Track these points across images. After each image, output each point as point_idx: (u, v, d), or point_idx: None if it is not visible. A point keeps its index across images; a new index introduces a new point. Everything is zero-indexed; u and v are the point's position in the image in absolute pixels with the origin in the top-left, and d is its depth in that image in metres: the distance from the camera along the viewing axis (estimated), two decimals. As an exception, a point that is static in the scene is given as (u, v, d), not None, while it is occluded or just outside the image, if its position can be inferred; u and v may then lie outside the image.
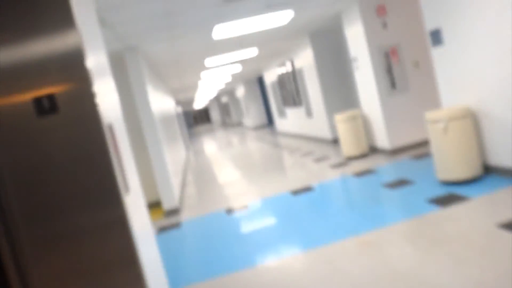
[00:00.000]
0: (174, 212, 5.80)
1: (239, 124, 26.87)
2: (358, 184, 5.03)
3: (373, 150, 6.72)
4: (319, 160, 7.31)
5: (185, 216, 5.55)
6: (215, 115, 40.98)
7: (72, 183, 1.70)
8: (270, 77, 13.51)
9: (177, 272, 3.53)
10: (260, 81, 19.06)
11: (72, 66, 1.69)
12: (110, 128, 1.95)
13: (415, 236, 3.08)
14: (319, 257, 3.10)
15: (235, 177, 7.62)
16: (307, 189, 5.32)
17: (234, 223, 4.61)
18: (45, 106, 1.68)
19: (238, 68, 11.50)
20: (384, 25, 5.94)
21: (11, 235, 1.67)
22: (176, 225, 5.18)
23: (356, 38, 6.21)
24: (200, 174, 9.15)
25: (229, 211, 5.21)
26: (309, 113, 9.91)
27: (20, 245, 1.66)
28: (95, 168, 1.73)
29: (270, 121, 19.51)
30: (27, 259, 1.68)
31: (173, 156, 7.51)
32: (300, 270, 2.96)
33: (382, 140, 6.27)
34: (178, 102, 21.48)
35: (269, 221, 4.36)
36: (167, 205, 5.77)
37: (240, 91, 21.28)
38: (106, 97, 2.05)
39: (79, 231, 1.71)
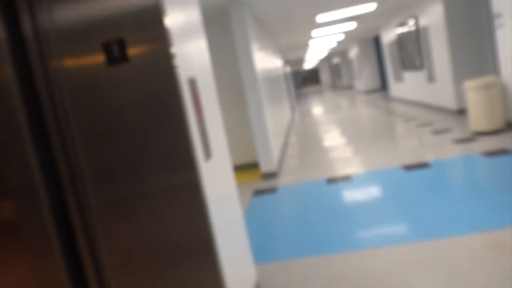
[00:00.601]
0: (271, 175, 5.59)
1: (350, 87, 25.61)
2: (488, 165, 4.18)
3: (511, 126, 5.60)
4: (439, 132, 6.38)
5: (282, 181, 5.31)
6: (325, 76, 39.82)
7: (142, 142, 1.49)
8: (388, 37, 12.25)
9: (266, 243, 3.31)
10: (376, 42, 17.60)
11: (147, 21, 1.44)
12: (192, 85, 1.68)
13: None
14: (434, 253, 2.56)
15: (340, 143, 7.11)
16: (422, 166, 4.63)
17: (335, 195, 4.20)
18: (116, 55, 1.46)
19: (352, 26, 10.59)
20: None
21: (79, 194, 1.54)
22: (272, 190, 4.96)
23: (504, -14, 5.02)
24: (304, 137, 8.81)
25: (331, 180, 4.81)
26: (431, 78, 8.74)
27: (88, 205, 1.54)
28: (168, 128, 1.49)
29: (384, 85, 18.09)
30: (95, 219, 1.55)
31: (275, 117, 7.27)
32: (408, 266, 2.48)
33: (525, 114, 5.14)
34: (286, 62, 21.14)
35: (375, 198, 3.86)
36: (264, 167, 5.58)
37: (353, 52, 20.01)
38: (190, 53, 1.77)
39: (147, 194, 1.52)
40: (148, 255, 1.57)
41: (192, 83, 1.71)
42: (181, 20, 1.75)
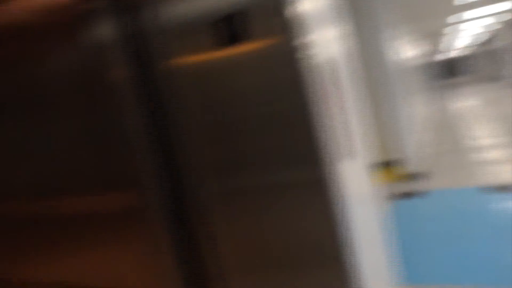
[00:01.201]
0: (413, 176, 4.89)
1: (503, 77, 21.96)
2: None
3: None
4: None
5: (428, 185, 4.56)
6: (475, 65, 35.24)
7: (265, 134, 1.31)
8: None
9: (417, 260, 2.75)
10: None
11: (275, 8, 1.27)
12: (330, 73, 1.41)
13: None
14: None
15: (501, 143, 5.90)
16: None
17: (500, 210, 3.35)
18: (238, 31, 1.30)
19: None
20: None
21: (199, 188, 1.42)
22: (416, 195, 4.28)
23: None
24: (450, 134, 7.66)
25: (498, 188, 3.88)
26: None
27: (206, 201, 1.42)
28: (301, 119, 1.29)
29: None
30: (215, 215, 1.42)
31: (415, 110, 6.46)
32: None
33: None
34: (426, 50, 19.26)
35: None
36: (405, 167, 4.90)
37: (512, 31, 17.02)
38: (326, 39, 1.52)
39: (273, 190, 1.33)
40: (274, 257, 1.40)
41: (330, 70, 1.45)
42: (313, 4, 1.53)
